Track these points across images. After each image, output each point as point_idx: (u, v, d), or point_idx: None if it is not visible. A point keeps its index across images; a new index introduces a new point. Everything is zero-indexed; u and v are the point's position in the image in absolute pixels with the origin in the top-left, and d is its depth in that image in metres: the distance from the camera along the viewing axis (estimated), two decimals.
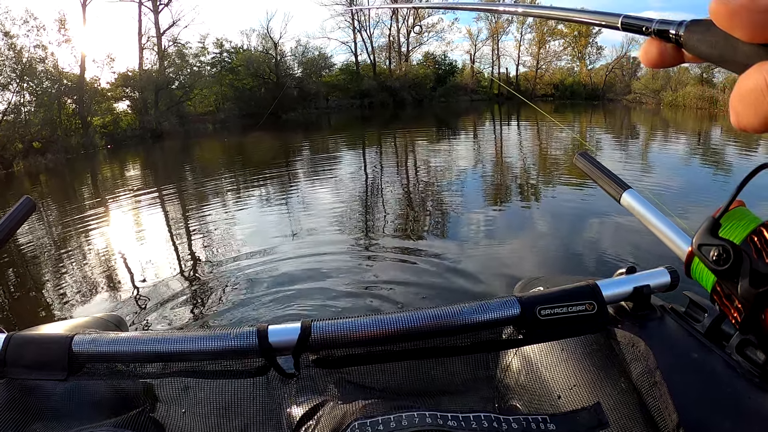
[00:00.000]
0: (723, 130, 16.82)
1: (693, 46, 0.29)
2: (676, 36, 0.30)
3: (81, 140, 20.64)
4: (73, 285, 4.57)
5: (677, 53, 0.31)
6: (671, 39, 0.31)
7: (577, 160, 1.03)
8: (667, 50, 0.31)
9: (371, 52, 37.56)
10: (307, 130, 22.15)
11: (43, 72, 21.33)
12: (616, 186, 0.91)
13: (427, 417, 0.54)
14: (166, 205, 8.24)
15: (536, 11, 0.58)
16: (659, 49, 0.31)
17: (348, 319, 0.65)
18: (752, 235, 0.47)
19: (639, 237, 4.69)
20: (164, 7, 28.51)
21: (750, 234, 0.47)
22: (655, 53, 0.31)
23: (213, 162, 14.59)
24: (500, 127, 20.65)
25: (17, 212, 0.95)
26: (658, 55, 0.31)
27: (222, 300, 3.93)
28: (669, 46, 0.31)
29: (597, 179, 0.97)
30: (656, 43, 0.32)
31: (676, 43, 0.31)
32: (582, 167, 1.01)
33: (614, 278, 0.75)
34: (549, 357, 0.74)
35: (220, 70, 31.38)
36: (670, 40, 0.31)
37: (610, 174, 0.94)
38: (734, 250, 0.46)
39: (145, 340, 0.65)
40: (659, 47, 0.31)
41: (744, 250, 0.47)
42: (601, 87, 39.47)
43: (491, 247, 4.90)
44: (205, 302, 3.94)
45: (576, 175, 8.13)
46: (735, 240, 0.48)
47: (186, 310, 3.80)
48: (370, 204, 7.31)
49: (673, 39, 0.31)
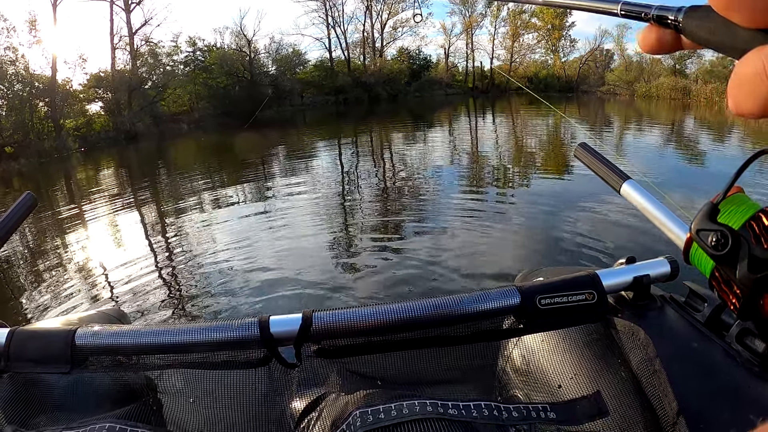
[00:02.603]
0: (696, 119, 17.39)
1: (692, 32, 0.29)
2: (674, 22, 0.30)
3: (54, 144, 20.33)
4: (72, 282, 4.70)
5: (676, 39, 0.31)
6: (670, 25, 0.31)
7: (577, 151, 1.03)
8: (665, 36, 0.31)
9: (345, 48, 37.73)
10: (283, 128, 22.15)
11: (14, 74, 21.08)
12: (616, 177, 0.91)
13: (428, 405, 0.55)
14: (152, 205, 8.35)
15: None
16: (658, 35, 0.31)
17: (349, 309, 0.66)
18: (751, 221, 0.47)
19: (639, 226, 4.75)
20: (136, 5, 28.16)
21: (749, 220, 0.47)
22: (653, 39, 0.31)
23: (188, 162, 14.64)
24: (477, 120, 20.96)
25: (19, 208, 0.94)
26: (656, 42, 0.31)
27: (220, 291, 4.11)
28: (668, 32, 0.31)
29: (597, 170, 0.97)
30: (655, 29, 0.31)
31: (675, 29, 0.30)
32: (582, 158, 1.02)
33: (614, 268, 0.76)
34: (549, 346, 0.75)
35: (194, 69, 31.19)
36: (668, 26, 0.31)
37: (610, 165, 0.94)
38: (732, 235, 0.46)
39: (147, 333, 0.66)
40: (658, 33, 0.31)
41: (743, 235, 0.47)
42: (575, 79, 40.10)
43: (486, 237, 5.11)
44: (203, 294, 4.11)
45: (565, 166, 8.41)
46: (733, 225, 0.48)
47: (185, 302, 4.00)
48: (372, 196, 7.45)
49: (671, 25, 0.31)
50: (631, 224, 4.97)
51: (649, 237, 4.43)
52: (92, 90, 25.64)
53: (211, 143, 19.24)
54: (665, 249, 0.77)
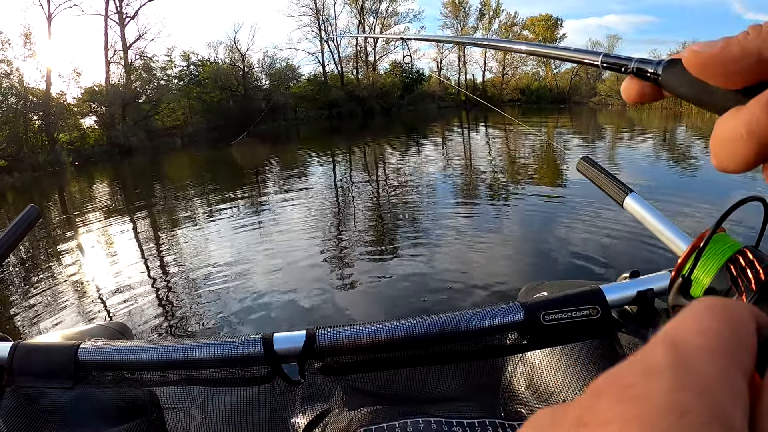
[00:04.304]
0: (688, 127, 17.60)
1: (670, 87, 0.29)
2: (654, 75, 0.30)
3: (48, 157, 20.31)
4: (71, 296, 4.75)
5: (656, 91, 0.31)
6: (649, 78, 0.31)
7: (579, 164, 1.02)
8: (646, 88, 0.31)
9: (338, 62, 37.93)
10: (277, 142, 22.23)
11: (8, 88, 21.10)
12: (618, 190, 0.90)
13: (433, 423, 0.55)
14: (148, 219, 8.37)
15: (521, 47, 0.61)
16: (638, 87, 0.31)
17: (353, 326, 0.66)
18: (726, 267, 0.48)
19: (641, 239, 4.78)
20: (130, 20, 28.33)
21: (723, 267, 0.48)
22: (634, 91, 0.31)
23: (182, 177, 14.67)
24: (470, 132, 21.12)
25: (22, 221, 0.93)
26: (637, 93, 0.31)
27: (219, 305, 4.16)
28: (648, 84, 0.31)
29: (600, 184, 0.96)
30: (636, 81, 0.32)
31: (654, 82, 0.31)
32: (584, 172, 1.00)
33: (618, 282, 0.74)
34: (553, 362, 0.74)
35: (188, 83, 31.27)
36: (648, 79, 0.31)
37: (613, 178, 0.94)
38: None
39: (151, 348, 0.65)
40: (638, 85, 0.31)
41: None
42: (567, 90, 40.40)
43: (492, 248, 5.20)
44: (207, 309, 4.14)
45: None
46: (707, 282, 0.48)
47: (190, 317, 4.03)
48: (379, 212, 7.56)
49: (651, 78, 0.31)
50: (635, 236, 4.97)
51: (652, 249, 4.46)
52: (86, 104, 25.60)
53: (206, 158, 19.27)
54: (669, 262, 0.74)
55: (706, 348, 0.15)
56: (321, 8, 36.12)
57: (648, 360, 0.15)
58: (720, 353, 0.15)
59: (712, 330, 0.15)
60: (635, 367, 0.15)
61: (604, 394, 0.14)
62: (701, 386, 0.13)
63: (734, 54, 0.23)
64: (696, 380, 0.14)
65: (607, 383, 0.15)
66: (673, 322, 0.16)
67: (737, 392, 0.14)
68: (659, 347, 0.15)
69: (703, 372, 0.14)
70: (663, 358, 0.15)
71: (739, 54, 0.23)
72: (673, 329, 0.16)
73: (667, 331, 0.16)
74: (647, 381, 0.14)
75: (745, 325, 0.16)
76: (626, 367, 0.15)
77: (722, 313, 0.16)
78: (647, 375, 0.14)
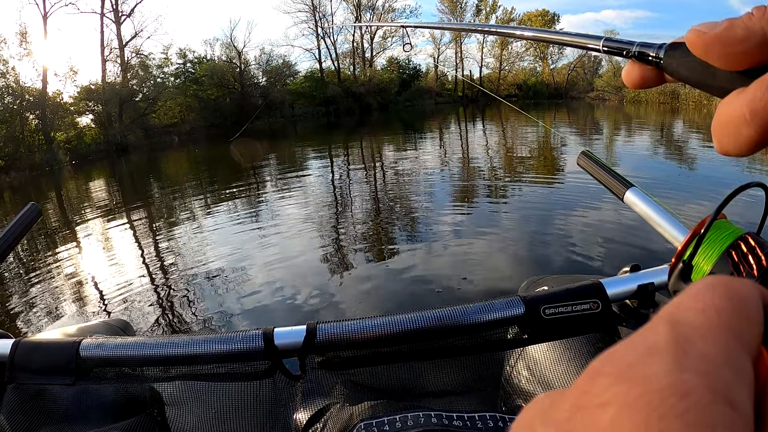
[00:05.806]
0: (685, 122, 17.60)
1: (673, 70, 0.29)
2: (656, 59, 0.30)
3: (45, 157, 20.34)
4: (72, 293, 4.76)
5: (658, 75, 0.31)
6: (651, 62, 0.31)
7: (579, 159, 1.02)
8: (648, 72, 0.31)
9: (335, 58, 37.82)
10: (274, 139, 22.23)
11: (5, 87, 21.10)
12: (619, 184, 0.90)
13: (433, 417, 0.55)
14: (146, 217, 8.31)
15: (522, 33, 0.60)
16: (640, 71, 0.31)
17: (353, 321, 0.66)
18: (727, 253, 0.48)
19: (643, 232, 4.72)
20: (126, 18, 28.27)
21: (724, 253, 0.48)
22: (636, 75, 0.31)
23: (179, 175, 14.65)
24: (467, 127, 21.07)
25: (23, 219, 0.93)
26: (639, 77, 0.31)
27: (218, 301, 4.15)
28: (650, 69, 0.31)
29: (600, 178, 0.96)
30: (637, 65, 0.31)
31: (656, 66, 0.30)
32: (584, 166, 1.01)
33: (618, 276, 0.74)
34: (554, 356, 0.74)
35: (184, 81, 31.24)
36: (650, 63, 0.31)
37: (613, 173, 0.94)
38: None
39: (152, 344, 0.65)
40: (640, 69, 0.31)
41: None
42: (564, 85, 40.42)
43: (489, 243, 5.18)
44: (206, 305, 4.13)
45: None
46: (708, 268, 0.48)
47: (189, 314, 4.03)
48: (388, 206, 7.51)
49: (653, 62, 0.30)
50: (635, 230, 4.94)
51: (653, 243, 4.45)
52: (83, 102, 25.61)
53: (203, 155, 19.24)
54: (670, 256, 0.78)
55: (708, 326, 0.14)
56: (317, 4, 36.06)
57: (648, 339, 0.14)
58: (722, 331, 0.14)
59: (715, 307, 0.15)
60: (635, 347, 0.14)
61: (603, 374, 0.14)
62: (703, 366, 0.13)
63: (738, 35, 0.23)
64: (697, 360, 0.13)
65: (605, 364, 0.14)
66: (675, 301, 0.16)
67: (741, 371, 0.13)
68: (660, 326, 0.15)
69: (704, 351, 0.14)
70: (663, 338, 0.14)
71: (744, 35, 0.22)
72: (675, 307, 0.16)
73: (668, 309, 0.16)
74: (647, 361, 0.14)
75: (750, 301, 0.16)
76: (625, 347, 0.14)
77: (725, 290, 0.16)
78: (647, 355, 0.14)
